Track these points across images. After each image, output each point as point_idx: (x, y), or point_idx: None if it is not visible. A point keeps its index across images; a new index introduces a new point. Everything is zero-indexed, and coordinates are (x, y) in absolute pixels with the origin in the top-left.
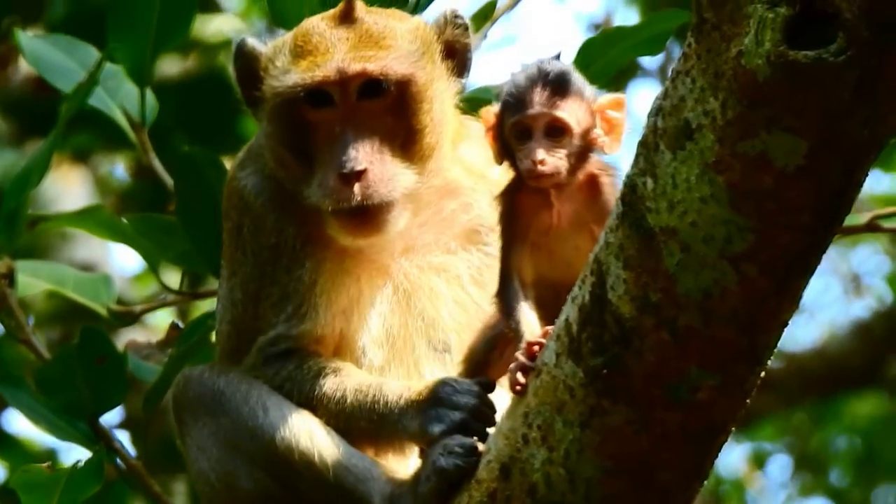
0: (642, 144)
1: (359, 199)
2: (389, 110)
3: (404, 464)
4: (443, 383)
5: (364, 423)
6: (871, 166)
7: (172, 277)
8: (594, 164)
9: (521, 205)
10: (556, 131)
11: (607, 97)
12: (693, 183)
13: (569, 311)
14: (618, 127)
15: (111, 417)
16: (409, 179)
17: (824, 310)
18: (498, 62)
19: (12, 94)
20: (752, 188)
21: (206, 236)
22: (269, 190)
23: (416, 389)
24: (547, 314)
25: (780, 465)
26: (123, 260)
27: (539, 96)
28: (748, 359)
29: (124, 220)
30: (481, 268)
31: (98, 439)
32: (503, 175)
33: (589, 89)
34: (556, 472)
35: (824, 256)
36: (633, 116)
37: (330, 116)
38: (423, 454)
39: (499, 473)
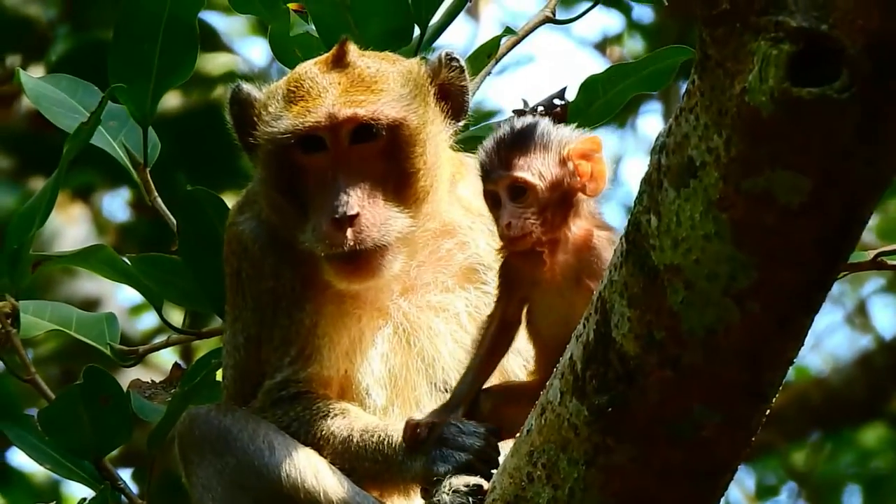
0: (646, 182)
1: (351, 243)
2: (382, 154)
3: None
4: (448, 424)
5: (369, 464)
6: (876, 204)
7: (175, 314)
8: (590, 219)
9: (514, 260)
10: (519, 191)
11: (579, 141)
12: (697, 220)
13: (573, 349)
14: (597, 168)
15: (114, 452)
16: (403, 223)
17: (827, 341)
18: (510, 88)
19: (14, 131)
20: (755, 225)
21: (209, 276)
22: (267, 234)
23: None
24: (544, 370)
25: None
26: (128, 292)
27: (498, 160)
28: (752, 396)
29: (126, 260)
30: (479, 306)
31: (103, 479)
32: None
33: (558, 138)
34: None
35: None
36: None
37: (322, 161)
38: (425, 494)
39: None
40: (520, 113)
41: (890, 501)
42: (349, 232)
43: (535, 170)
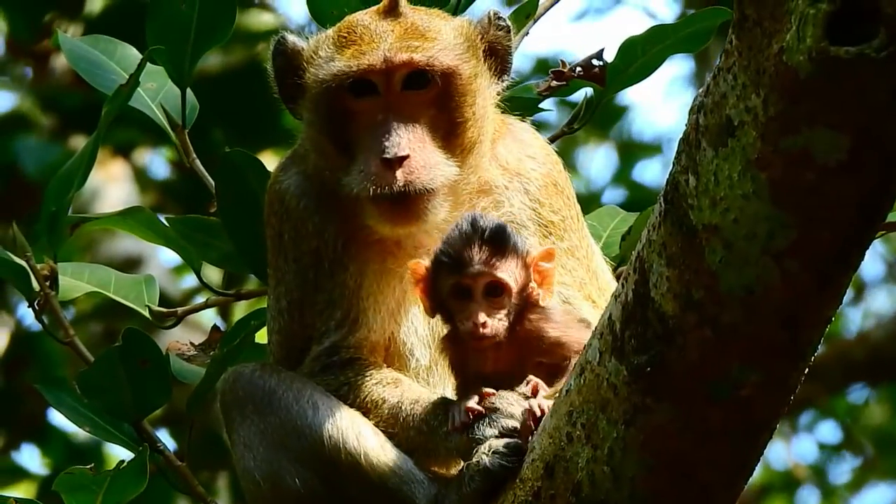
0: (684, 141)
1: (401, 184)
2: (433, 102)
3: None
4: (499, 396)
5: (414, 434)
6: None
7: (213, 274)
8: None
9: (460, 353)
10: (496, 291)
11: (538, 251)
12: (735, 180)
13: (612, 309)
14: (549, 278)
15: (154, 413)
16: (451, 170)
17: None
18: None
19: (54, 89)
20: (794, 184)
21: (247, 237)
22: (310, 190)
23: None
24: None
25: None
26: (170, 252)
27: (478, 256)
28: (791, 355)
29: (165, 222)
30: None
31: (142, 440)
32: (538, 170)
33: (521, 243)
34: (600, 470)
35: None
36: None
37: (373, 106)
38: (466, 457)
39: (543, 472)
40: (558, 74)
41: None
42: (399, 172)
43: (513, 272)
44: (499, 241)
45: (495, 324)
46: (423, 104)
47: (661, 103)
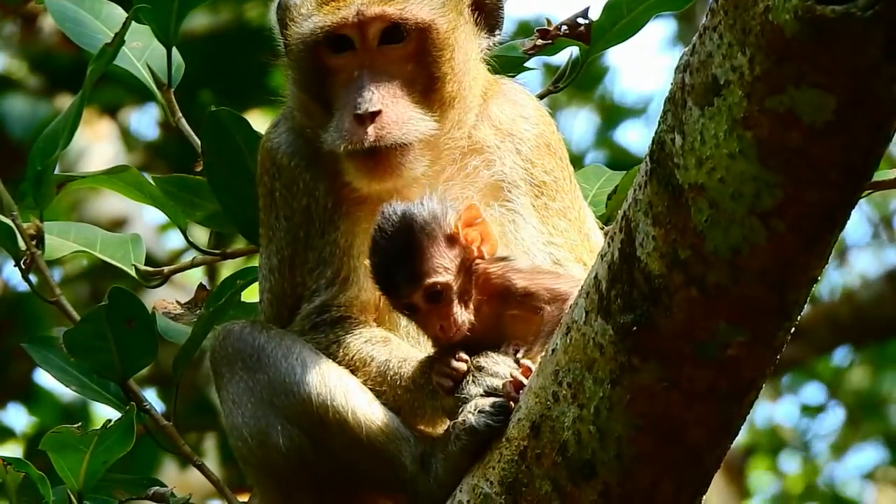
0: (670, 101)
1: (372, 139)
2: (409, 57)
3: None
4: (485, 354)
5: (401, 392)
6: None
7: (200, 234)
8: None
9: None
10: (436, 297)
11: (459, 215)
12: (721, 139)
13: (598, 269)
14: (485, 233)
15: (141, 373)
16: (427, 125)
17: (855, 256)
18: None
19: (40, 48)
20: (780, 144)
21: (233, 196)
22: (301, 148)
23: None
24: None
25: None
26: (156, 211)
27: (401, 276)
28: (777, 315)
29: (151, 181)
30: (504, 223)
31: (129, 400)
32: (531, 131)
33: (441, 223)
34: (586, 429)
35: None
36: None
37: (350, 61)
38: (451, 416)
39: (529, 431)
40: (543, 33)
41: None
42: (370, 128)
43: (441, 267)
44: (411, 247)
45: (454, 322)
46: (400, 59)
47: (644, 66)
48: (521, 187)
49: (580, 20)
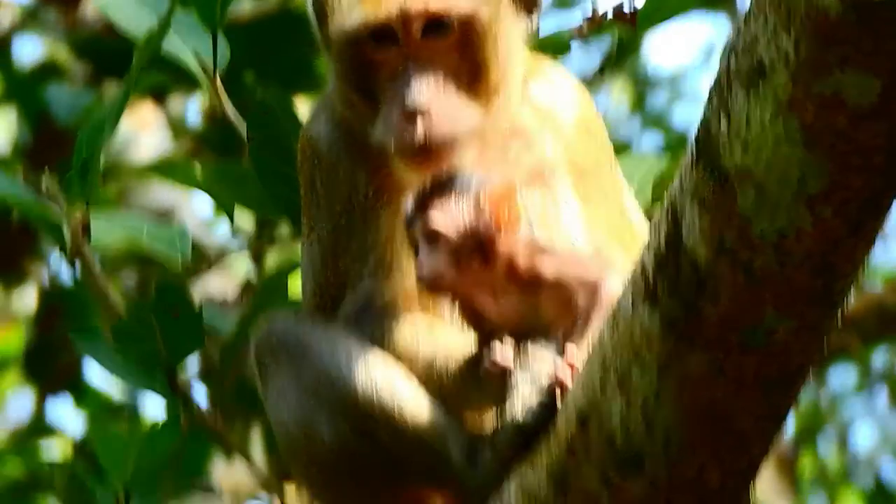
0: (716, 84)
1: (421, 136)
2: (454, 48)
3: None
4: (532, 345)
5: (447, 383)
6: None
7: (245, 225)
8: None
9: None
10: (432, 238)
11: (494, 187)
12: (767, 123)
13: (643, 256)
14: (513, 212)
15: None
16: (474, 117)
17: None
18: None
19: (86, 34)
20: (825, 128)
21: (279, 183)
22: (341, 136)
23: None
24: None
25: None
26: (201, 204)
27: (417, 208)
28: (824, 302)
29: (198, 169)
30: (544, 207)
31: (175, 392)
32: (571, 113)
33: (475, 186)
34: (633, 420)
35: None
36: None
37: (394, 55)
38: (498, 411)
39: (577, 424)
40: (590, 19)
41: None
42: (420, 124)
43: (446, 218)
44: (437, 191)
45: (432, 266)
46: (444, 50)
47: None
48: (561, 171)
49: (625, 4)
